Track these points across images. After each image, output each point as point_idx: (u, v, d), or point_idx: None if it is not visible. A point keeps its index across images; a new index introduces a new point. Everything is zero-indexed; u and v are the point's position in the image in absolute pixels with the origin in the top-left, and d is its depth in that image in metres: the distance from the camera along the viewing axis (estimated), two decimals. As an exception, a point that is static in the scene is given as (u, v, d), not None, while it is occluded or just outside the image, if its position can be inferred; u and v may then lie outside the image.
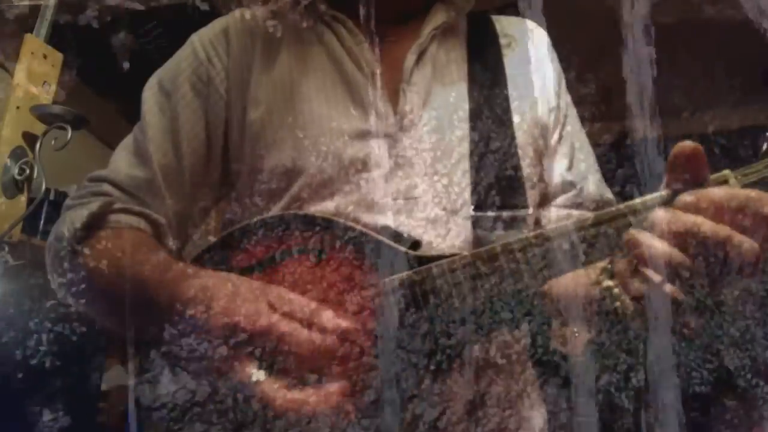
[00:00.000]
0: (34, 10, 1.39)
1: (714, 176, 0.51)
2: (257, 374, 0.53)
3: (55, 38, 1.38)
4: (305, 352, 0.53)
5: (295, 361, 0.53)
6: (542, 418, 0.69)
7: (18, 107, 1.34)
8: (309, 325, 0.54)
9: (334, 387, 0.53)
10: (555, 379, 0.65)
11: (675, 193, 0.51)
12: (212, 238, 0.70)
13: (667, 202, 0.51)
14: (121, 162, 0.71)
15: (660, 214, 0.50)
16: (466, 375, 0.59)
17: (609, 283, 0.53)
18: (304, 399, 0.52)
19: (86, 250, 0.64)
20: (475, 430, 0.61)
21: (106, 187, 0.69)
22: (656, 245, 0.49)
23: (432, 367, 0.56)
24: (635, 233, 0.50)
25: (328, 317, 0.55)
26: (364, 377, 0.54)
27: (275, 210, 0.67)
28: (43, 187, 1.34)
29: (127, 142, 0.73)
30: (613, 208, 0.54)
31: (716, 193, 0.49)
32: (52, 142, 1.35)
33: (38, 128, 1.36)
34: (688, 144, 0.50)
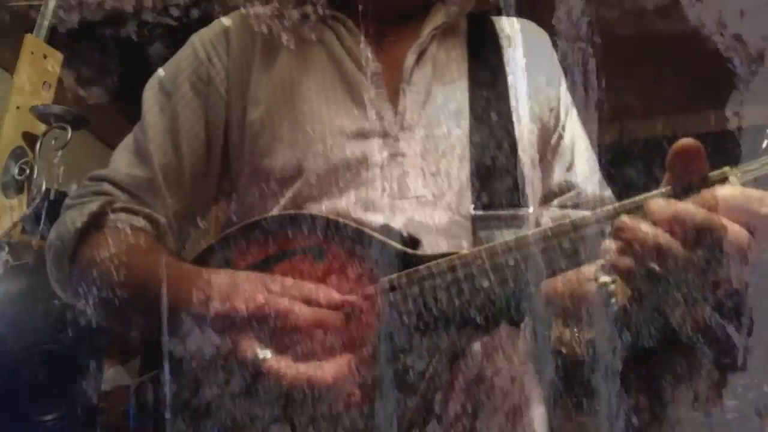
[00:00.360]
0: (34, 10, 1.40)
1: (713, 173, 0.51)
2: (263, 353, 0.54)
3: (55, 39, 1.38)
4: (305, 325, 0.54)
5: (298, 336, 0.54)
6: (542, 416, 0.69)
7: (18, 107, 1.34)
8: (308, 302, 0.55)
9: (341, 360, 0.54)
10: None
11: (675, 190, 0.51)
12: (212, 238, 0.70)
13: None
14: (122, 162, 0.71)
15: (653, 202, 0.50)
16: (466, 371, 0.60)
17: (606, 279, 0.53)
18: (312, 372, 0.53)
19: (87, 249, 0.64)
20: (474, 424, 0.61)
21: (107, 187, 0.69)
22: (644, 228, 0.48)
23: (431, 364, 0.57)
24: (625, 218, 0.50)
25: (326, 293, 0.56)
26: (367, 355, 0.55)
27: (276, 210, 0.67)
28: (43, 187, 1.34)
29: (128, 141, 0.73)
30: (611, 207, 0.54)
31: (719, 192, 0.49)
32: (52, 142, 1.36)
33: (38, 128, 1.37)
34: (687, 140, 0.50)
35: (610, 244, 0.51)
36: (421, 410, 0.56)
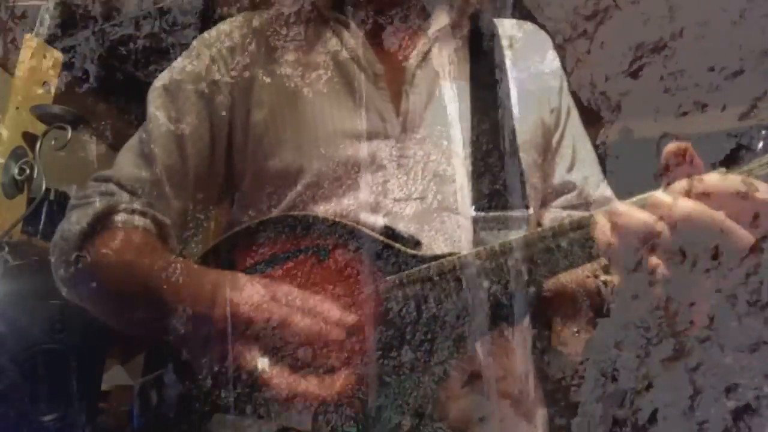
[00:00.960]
0: (34, 10, 1.40)
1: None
2: (261, 362, 0.54)
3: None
4: (306, 339, 0.54)
5: (298, 348, 0.54)
6: (542, 416, 0.69)
7: (18, 107, 1.34)
8: (310, 315, 0.55)
9: (339, 376, 0.54)
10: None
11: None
12: (213, 239, 0.70)
13: None
14: (126, 163, 0.72)
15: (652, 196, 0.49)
16: (467, 371, 0.60)
17: (607, 277, 0.54)
18: (309, 387, 0.53)
19: (91, 250, 0.65)
20: (475, 425, 0.62)
21: (111, 188, 0.69)
22: (636, 214, 0.48)
23: (433, 365, 0.57)
24: (618, 204, 0.50)
25: (329, 308, 0.56)
26: (365, 369, 0.55)
27: (278, 211, 0.68)
28: (43, 187, 1.34)
29: (132, 143, 0.74)
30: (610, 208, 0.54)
31: (710, 179, 0.48)
32: (52, 142, 1.36)
33: (38, 128, 1.36)
34: (676, 144, 0.50)
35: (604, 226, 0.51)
36: (421, 409, 0.57)
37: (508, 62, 0.74)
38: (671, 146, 0.50)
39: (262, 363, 0.54)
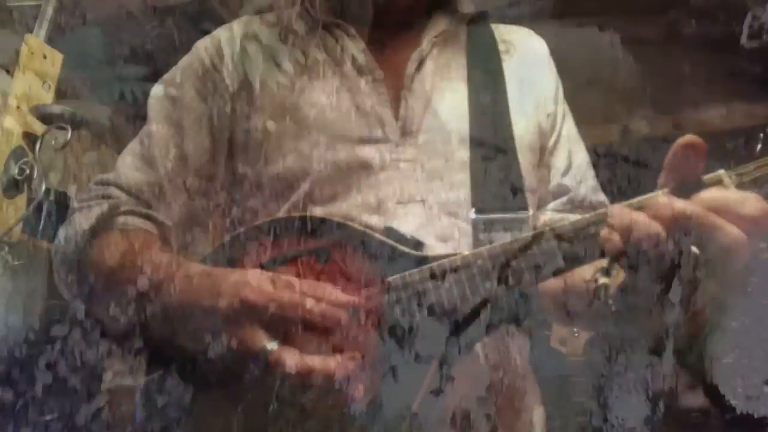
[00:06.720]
0: (34, 10, 1.40)
1: (708, 176, 0.52)
2: (270, 344, 0.54)
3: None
4: (313, 318, 0.54)
5: (305, 330, 0.54)
6: (541, 416, 0.70)
7: (18, 107, 1.34)
8: (317, 299, 0.55)
9: (348, 355, 0.54)
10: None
11: (671, 193, 0.52)
12: (214, 242, 0.70)
13: None
14: (128, 166, 0.72)
15: (652, 201, 0.50)
16: (469, 371, 0.61)
17: (605, 280, 0.54)
18: (318, 364, 0.53)
19: (94, 252, 0.65)
20: (474, 423, 0.62)
21: (113, 190, 0.70)
22: (637, 218, 0.49)
23: (434, 365, 0.58)
24: (618, 208, 0.51)
25: (333, 292, 0.56)
26: (370, 352, 0.56)
27: (279, 213, 0.68)
28: (43, 187, 1.34)
29: (133, 145, 0.74)
30: (611, 208, 0.55)
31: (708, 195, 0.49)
32: (52, 142, 1.36)
33: (38, 128, 1.37)
34: (690, 137, 0.50)
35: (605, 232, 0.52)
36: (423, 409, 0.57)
37: (505, 67, 0.75)
38: (684, 138, 0.50)
39: (271, 345, 0.53)
